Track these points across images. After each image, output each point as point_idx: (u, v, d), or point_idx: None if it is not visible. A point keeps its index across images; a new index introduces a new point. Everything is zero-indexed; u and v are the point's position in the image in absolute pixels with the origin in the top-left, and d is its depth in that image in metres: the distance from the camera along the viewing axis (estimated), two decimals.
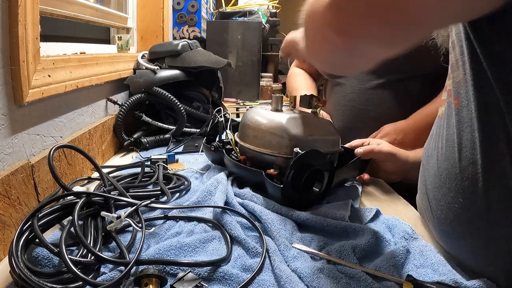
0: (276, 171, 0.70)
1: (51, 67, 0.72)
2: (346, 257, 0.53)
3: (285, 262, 0.52)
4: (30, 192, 0.62)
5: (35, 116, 0.69)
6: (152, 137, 1.12)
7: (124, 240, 0.55)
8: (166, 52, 1.27)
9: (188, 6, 2.13)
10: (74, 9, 1.02)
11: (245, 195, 0.70)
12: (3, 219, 0.54)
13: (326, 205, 0.69)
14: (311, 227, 0.62)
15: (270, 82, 2.09)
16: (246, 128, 0.78)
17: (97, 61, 0.97)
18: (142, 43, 1.63)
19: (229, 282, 0.48)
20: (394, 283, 0.48)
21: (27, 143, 0.65)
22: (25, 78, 0.61)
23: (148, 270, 0.45)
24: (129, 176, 0.79)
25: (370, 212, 0.66)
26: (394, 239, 0.59)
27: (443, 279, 0.48)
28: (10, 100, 0.60)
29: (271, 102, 0.79)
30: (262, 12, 2.23)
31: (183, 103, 1.17)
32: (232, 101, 1.93)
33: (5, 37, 0.58)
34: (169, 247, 0.52)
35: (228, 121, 0.88)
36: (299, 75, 1.35)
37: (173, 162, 0.95)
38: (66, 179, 0.74)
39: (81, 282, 0.44)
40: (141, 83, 1.15)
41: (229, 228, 0.59)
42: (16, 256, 0.43)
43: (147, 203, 0.60)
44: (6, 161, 0.59)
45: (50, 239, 0.53)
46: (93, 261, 0.47)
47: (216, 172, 0.81)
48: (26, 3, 0.60)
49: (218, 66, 1.30)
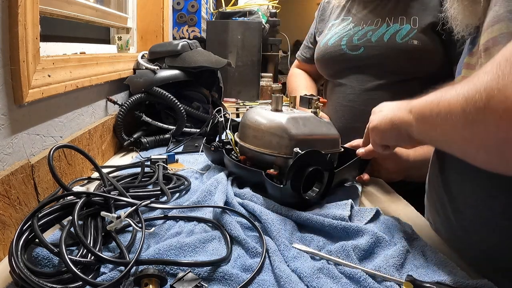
0: (276, 171, 0.70)
1: (51, 67, 0.71)
2: (346, 257, 0.52)
3: (285, 262, 0.52)
4: (30, 192, 0.61)
5: (35, 116, 0.69)
6: (152, 137, 1.12)
7: (124, 240, 0.55)
8: (166, 52, 1.27)
9: (188, 6, 2.13)
10: (74, 9, 1.02)
11: (245, 195, 0.70)
12: (3, 219, 0.54)
13: (326, 205, 0.69)
14: (311, 227, 0.62)
15: (270, 82, 2.09)
16: (246, 128, 0.78)
17: (97, 61, 0.97)
18: (142, 43, 1.63)
19: (229, 282, 0.48)
20: (394, 283, 0.48)
21: (27, 143, 0.65)
22: (25, 78, 0.61)
23: (148, 270, 0.45)
24: (129, 176, 0.79)
25: (370, 212, 0.66)
26: (394, 239, 0.59)
27: (443, 279, 0.48)
28: (10, 100, 0.60)
29: (271, 102, 0.79)
30: (262, 12, 2.23)
31: (183, 103, 1.17)
32: (232, 101, 1.93)
33: (5, 37, 0.57)
34: (169, 247, 0.52)
35: (228, 121, 0.88)
36: (299, 76, 1.35)
37: (173, 162, 0.95)
38: (66, 179, 0.74)
39: (81, 282, 0.44)
40: (141, 83, 1.15)
41: (229, 228, 0.59)
42: (16, 256, 0.43)
43: (147, 203, 0.60)
44: (6, 161, 0.59)
45: (50, 239, 0.53)
46: (93, 261, 0.47)
47: (216, 172, 0.81)
48: (26, 3, 0.60)
49: (218, 66, 1.30)
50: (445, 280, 0.47)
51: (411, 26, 0.98)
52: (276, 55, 2.31)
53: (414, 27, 0.98)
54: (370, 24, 1.06)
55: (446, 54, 0.99)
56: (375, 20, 1.05)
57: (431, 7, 0.99)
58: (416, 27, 0.97)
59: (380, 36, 1.01)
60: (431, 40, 0.97)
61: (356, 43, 1.05)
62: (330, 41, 1.11)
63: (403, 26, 0.99)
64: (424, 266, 0.52)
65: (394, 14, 1.02)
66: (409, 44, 0.97)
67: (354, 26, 1.09)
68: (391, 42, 0.99)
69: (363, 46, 1.03)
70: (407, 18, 1.00)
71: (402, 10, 1.02)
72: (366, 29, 1.05)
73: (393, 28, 1.00)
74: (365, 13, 1.09)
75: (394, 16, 1.02)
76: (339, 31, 1.11)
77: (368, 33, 1.04)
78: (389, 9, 1.04)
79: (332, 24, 1.18)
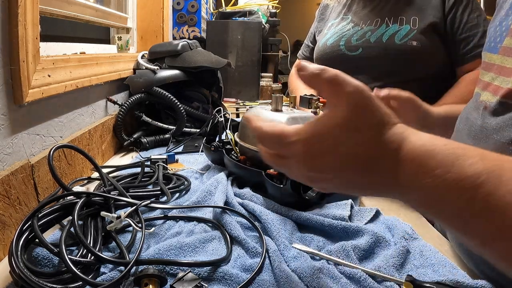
0: (276, 171, 0.70)
1: (51, 67, 0.71)
2: (346, 257, 0.52)
3: (285, 262, 0.52)
4: (30, 192, 0.61)
5: (35, 116, 0.69)
6: (152, 137, 1.12)
7: (124, 240, 0.55)
8: (166, 52, 1.27)
9: (188, 6, 2.13)
10: (74, 9, 1.02)
11: (245, 195, 0.70)
12: (3, 219, 0.54)
13: (326, 205, 0.69)
14: (311, 227, 0.62)
15: (270, 82, 2.09)
16: (246, 128, 0.78)
17: (97, 61, 0.97)
18: (142, 43, 1.63)
19: (229, 282, 0.48)
20: (394, 283, 0.48)
21: (27, 143, 0.65)
22: (25, 78, 0.61)
23: (148, 270, 0.45)
24: (129, 176, 0.79)
25: (370, 212, 0.66)
26: (394, 239, 0.59)
27: (443, 279, 0.48)
28: (10, 100, 0.59)
29: (271, 102, 0.79)
30: (262, 12, 2.23)
31: (183, 103, 1.17)
32: (232, 101, 1.93)
33: (5, 37, 0.57)
34: (169, 247, 0.52)
35: (228, 121, 0.88)
36: None
37: (173, 162, 0.95)
38: (66, 179, 0.74)
39: (81, 282, 0.44)
40: (141, 83, 1.15)
41: (229, 228, 0.59)
42: (16, 256, 0.43)
43: (147, 203, 0.60)
44: (6, 161, 0.59)
45: (50, 239, 0.53)
46: (93, 261, 0.47)
47: (216, 172, 0.81)
48: (26, 3, 0.60)
49: (218, 66, 1.30)
50: (445, 280, 0.47)
51: (411, 26, 0.98)
52: (276, 55, 2.31)
53: (414, 27, 0.97)
54: (369, 24, 1.05)
55: (447, 55, 0.99)
56: (375, 20, 1.05)
57: (432, 7, 0.98)
58: (416, 27, 0.97)
59: (379, 37, 1.01)
60: (431, 41, 0.96)
61: (354, 43, 1.05)
62: (329, 41, 1.11)
63: (402, 26, 0.99)
64: (424, 266, 0.52)
65: (393, 15, 1.02)
66: (408, 45, 0.96)
67: (353, 26, 1.09)
68: (390, 43, 0.99)
69: (362, 46, 1.03)
70: (406, 18, 1.00)
71: (402, 10, 1.02)
72: (365, 30, 1.05)
73: (392, 28, 1.00)
74: (364, 13, 1.09)
75: (393, 16, 1.02)
76: (338, 30, 1.11)
77: (367, 34, 1.04)
78: (389, 9, 1.04)
79: (331, 24, 1.18)
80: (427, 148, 0.31)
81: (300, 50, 1.40)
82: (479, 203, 0.27)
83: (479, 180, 0.27)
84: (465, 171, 0.27)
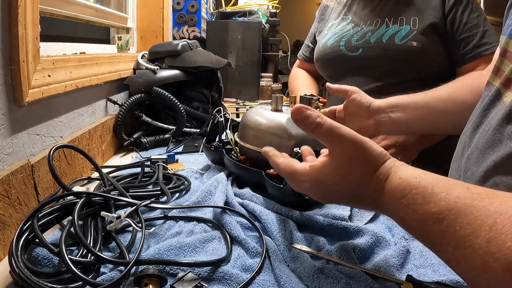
0: (276, 171, 0.70)
1: (51, 67, 0.71)
2: (346, 257, 0.53)
3: (285, 262, 0.52)
4: (30, 192, 0.61)
5: (35, 116, 0.69)
6: (152, 137, 1.12)
7: (124, 240, 0.55)
8: (166, 52, 1.27)
9: (188, 6, 2.13)
10: (74, 9, 1.02)
11: (245, 195, 0.70)
12: (3, 219, 0.54)
13: (326, 205, 0.69)
14: (311, 227, 0.62)
15: (270, 82, 2.09)
16: (246, 128, 0.78)
17: (97, 61, 0.97)
18: (142, 43, 1.63)
19: (229, 282, 0.48)
20: (394, 283, 0.48)
21: (27, 143, 0.65)
22: (25, 78, 0.61)
23: (148, 270, 0.45)
24: (129, 176, 0.79)
25: (370, 212, 0.66)
26: (394, 239, 0.59)
27: (443, 279, 0.48)
28: (10, 100, 0.59)
29: (271, 102, 0.79)
30: (262, 12, 2.22)
31: (183, 103, 1.17)
32: (232, 101, 1.93)
33: (5, 37, 0.57)
34: (169, 247, 0.52)
35: (228, 121, 0.88)
36: (301, 75, 1.35)
37: (173, 162, 0.95)
38: (66, 179, 0.74)
39: (81, 282, 0.44)
40: (141, 83, 1.15)
41: (229, 228, 0.59)
42: (16, 256, 0.43)
43: (147, 203, 0.60)
44: (6, 161, 0.59)
45: (50, 239, 0.53)
46: (93, 261, 0.47)
47: (216, 172, 0.81)
48: (26, 3, 0.60)
49: (218, 66, 1.30)
50: (445, 280, 0.47)
51: (411, 27, 0.98)
52: (276, 55, 2.31)
53: (414, 28, 0.97)
54: (369, 24, 1.05)
55: (447, 55, 0.99)
56: (375, 20, 1.05)
57: (432, 8, 0.98)
58: (416, 28, 0.97)
59: (379, 37, 1.01)
60: (431, 41, 0.96)
61: (354, 44, 1.05)
62: (329, 42, 1.11)
63: (402, 27, 0.99)
64: (424, 266, 0.52)
65: (393, 15, 1.02)
66: (408, 46, 0.96)
67: (353, 26, 1.09)
68: (390, 44, 0.99)
69: (362, 47, 1.03)
70: (406, 19, 1.00)
71: (402, 10, 1.02)
72: (365, 30, 1.05)
73: (392, 29, 1.00)
74: (365, 13, 1.09)
75: (393, 16, 1.02)
76: (338, 31, 1.11)
77: (367, 34, 1.04)
78: (389, 9, 1.04)
79: (331, 24, 1.18)
80: (404, 186, 0.39)
81: (300, 50, 1.40)
82: (440, 235, 0.34)
83: (440, 217, 0.34)
84: (429, 209, 0.35)
